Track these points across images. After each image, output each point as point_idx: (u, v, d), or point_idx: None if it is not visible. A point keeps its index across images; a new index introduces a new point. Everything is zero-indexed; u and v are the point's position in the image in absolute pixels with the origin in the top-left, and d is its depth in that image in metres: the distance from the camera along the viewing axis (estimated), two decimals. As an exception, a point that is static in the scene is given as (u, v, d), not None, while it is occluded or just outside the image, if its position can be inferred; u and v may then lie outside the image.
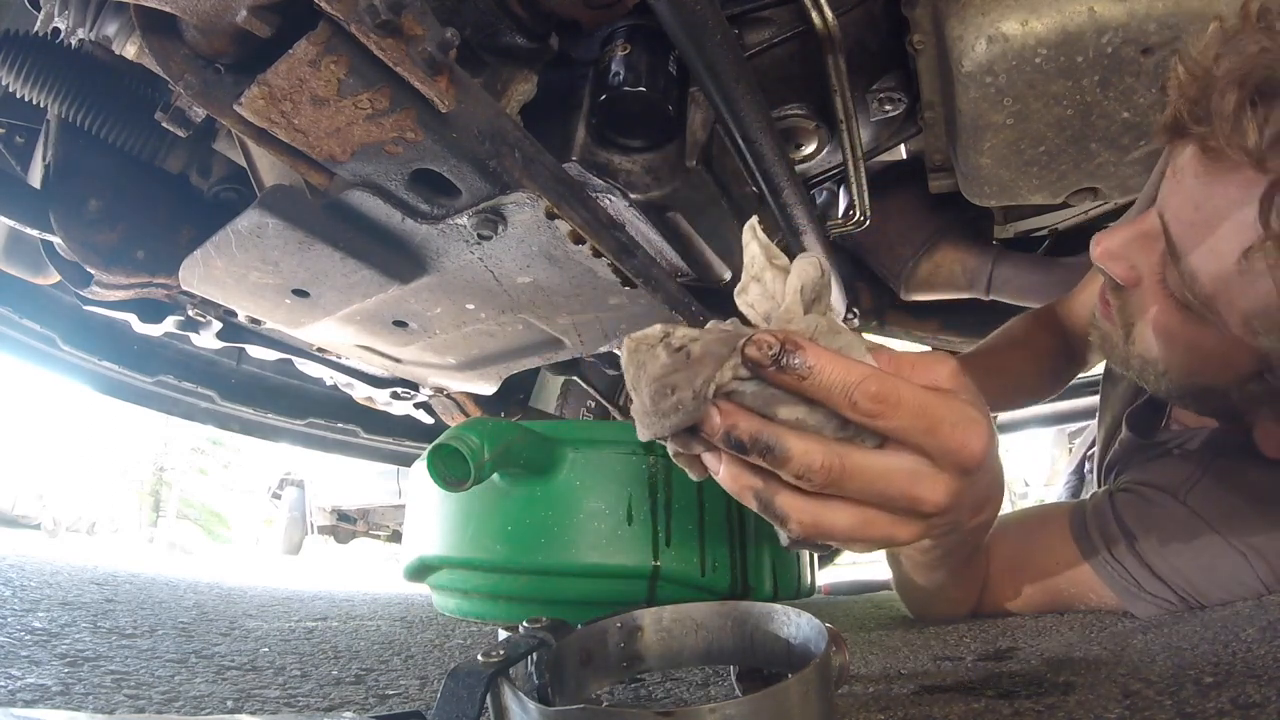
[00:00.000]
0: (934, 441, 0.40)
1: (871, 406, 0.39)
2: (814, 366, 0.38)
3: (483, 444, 0.48)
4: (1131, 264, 0.64)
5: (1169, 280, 0.61)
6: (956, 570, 0.75)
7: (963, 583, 0.83)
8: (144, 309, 0.85)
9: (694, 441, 0.42)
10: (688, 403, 0.39)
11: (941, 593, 0.84)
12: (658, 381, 0.39)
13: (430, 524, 0.60)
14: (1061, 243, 1.44)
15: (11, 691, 0.54)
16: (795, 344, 0.38)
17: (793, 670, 0.40)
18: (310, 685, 0.64)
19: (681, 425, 0.40)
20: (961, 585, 0.83)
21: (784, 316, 0.42)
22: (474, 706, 0.33)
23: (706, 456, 0.43)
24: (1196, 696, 0.40)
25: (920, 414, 0.40)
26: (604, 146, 0.72)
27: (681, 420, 0.40)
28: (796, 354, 0.38)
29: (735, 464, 0.42)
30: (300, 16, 0.43)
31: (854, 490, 0.41)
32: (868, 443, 0.41)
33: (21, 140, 0.79)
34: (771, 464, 0.40)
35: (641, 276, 0.72)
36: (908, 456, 0.41)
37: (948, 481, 0.42)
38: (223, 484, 17.32)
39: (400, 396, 1.14)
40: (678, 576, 0.54)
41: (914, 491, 0.41)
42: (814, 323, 0.41)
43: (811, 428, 0.40)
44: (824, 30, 0.79)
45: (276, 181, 0.64)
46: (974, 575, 0.83)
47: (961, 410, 0.41)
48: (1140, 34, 0.73)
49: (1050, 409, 2.21)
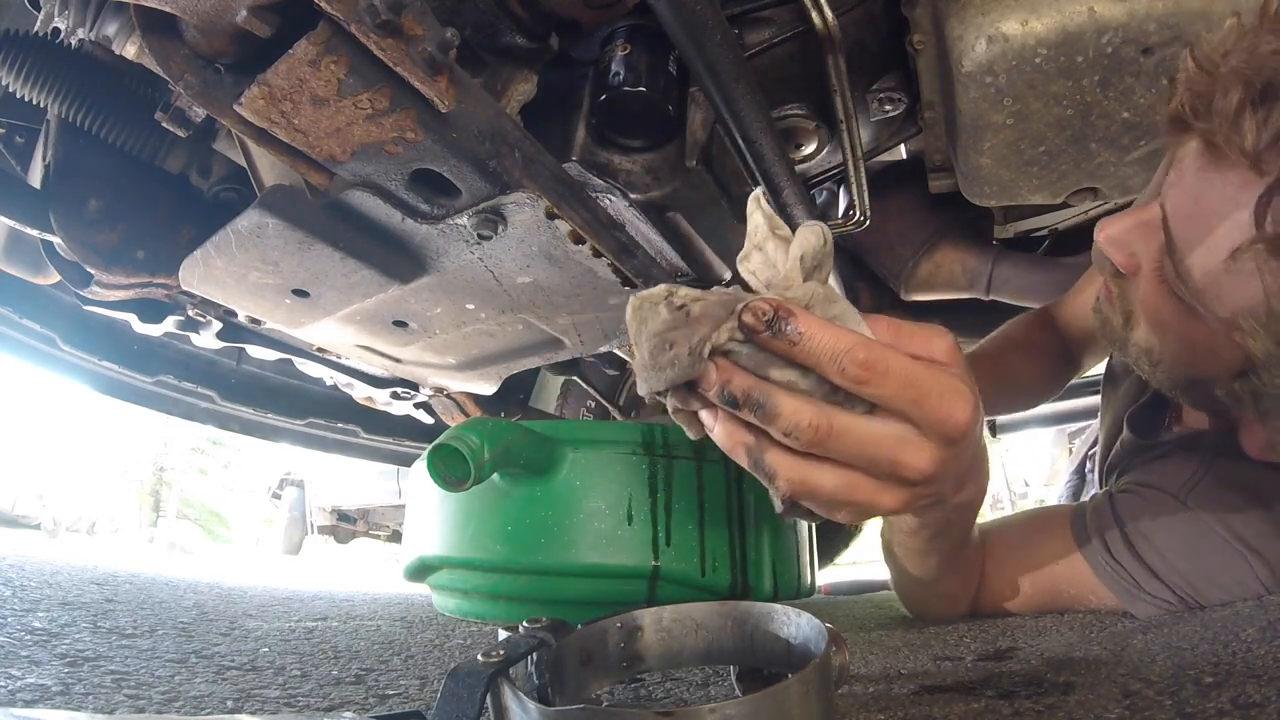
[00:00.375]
0: (920, 411, 0.42)
1: (859, 373, 0.40)
2: (805, 333, 0.40)
3: (483, 444, 0.48)
4: (1132, 251, 0.64)
5: (1165, 271, 0.61)
6: (949, 558, 0.76)
7: (956, 575, 0.83)
8: (144, 309, 0.85)
9: (692, 398, 0.44)
10: (684, 359, 0.41)
11: (936, 586, 0.84)
12: (657, 337, 0.41)
13: (430, 524, 0.60)
14: (1061, 243, 1.44)
15: (11, 691, 0.54)
16: (788, 312, 0.40)
17: (793, 670, 0.40)
18: (310, 685, 0.64)
19: (677, 380, 0.42)
20: (955, 578, 0.83)
21: (783, 283, 0.43)
22: (474, 706, 0.33)
23: (703, 414, 0.45)
24: (1196, 696, 0.40)
25: (908, 384, 0.41)
26: (604, 146, 0.72)
27: (678, 375, 0.42)
28: (789, 321, 0.40)
29: (729, 420, 0.44)
30: (300, 16, 0.43)
31: (840, 451, 0.42)
32: (858, 409, 0.43)
33: (21, 140, 0.79)
34: (762, 420, 0.42)
35: (641, 276, 0.72)
36: (894, 423, 0.42)
37: (933, 450, 0.43)
38: (223, 484, 17.32)
39: (400, 396, 1.14)
40: (678, 576, 0.54)
41: (899, 457, 0.43)
42: (811, 290, 0.43)
43: (803, 391, 0.42)
44: (824, 30, 0.78)
45: (276, 181, 0.64)
46: (968, 569, 0.83)
47: (949, 382, 0.42)
48: (1140, 34, 0.73)
49: (1050, 409, 2.21)
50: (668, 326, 0.41)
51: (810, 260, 0.43)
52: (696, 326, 0.41)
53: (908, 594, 0.93)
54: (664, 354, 0.41)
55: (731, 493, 0.58)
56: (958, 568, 0.81)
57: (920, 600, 0.92)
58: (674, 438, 0.58)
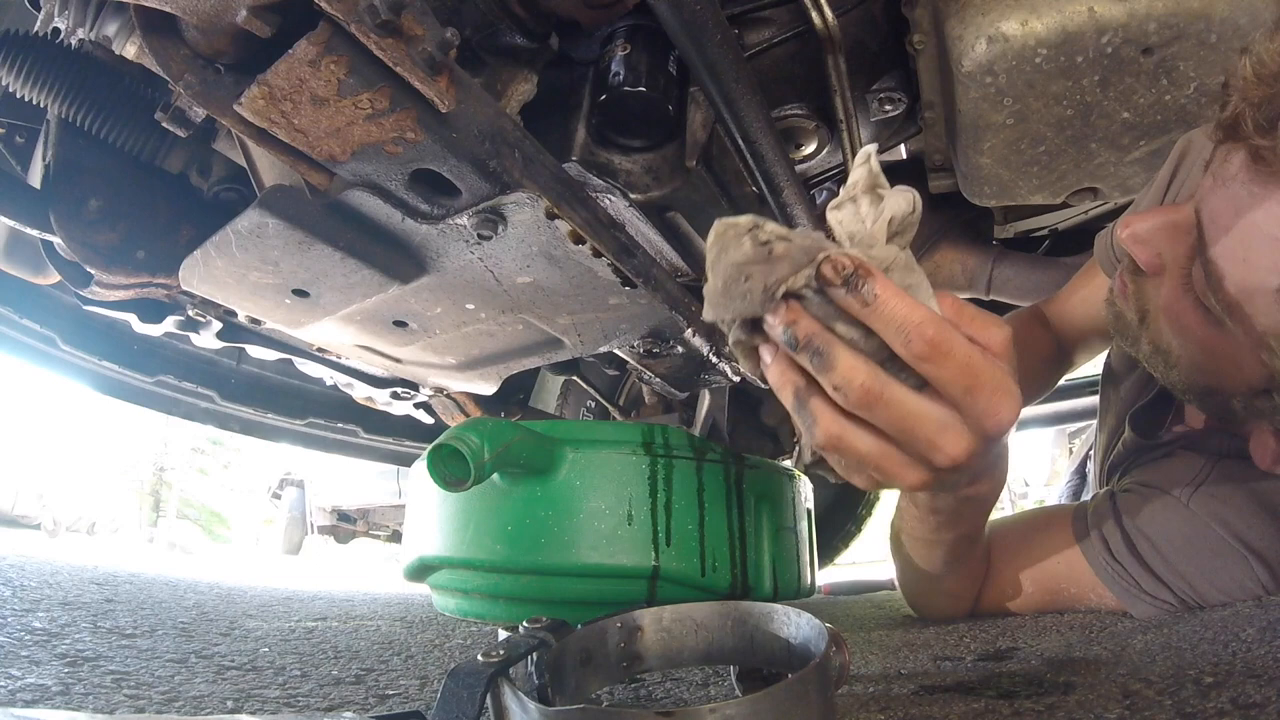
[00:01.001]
0: (970, 400, 0.42)
1: (923, 349, 0.41)
2: (880, 297, 0.40)
3: (483, 444, 0.48)
4: (1157, 251, 0.63)
5: (1194, 276, 0.60)
6: (956, 553, 0.76)
7: (961, 574, 0.83)
8: (144, 309, 0.85)
9: (755, 334, 0.45)
10: (757, 295, 0.42)
11: (940, 584, 0.84)
12: (736, 267, 0.42)
13: (430, 524, 0.60)
14: (1061, 243, 1.44)
15: (11, 691, 0.54)
16: (867, 272, 0.41)
17: (793, 670, 0.40)
18: (310, 685, 0.64)
19: (746, 314, 0.44)
20: (959, 577, 0.83)
21: (867, 240, 0.44)
22: (474, 706, 0.33)
23: (762, 348, 0.46)
24: (1196, 696, 0.40)
25: (966, 370, 0.41)
26: (604, 146, 0.71)
27: (747, 309, 0.43)
28: (867, 281, 0.40)
29: (785, 360, 0.46)
30: (300, 16, 0.43)
31: (882, 419, 0.43)
32: (908, 382, 0.43)
33: (21, 140, 0.79)
34: (817, 369, 0.43)
35: (641, 276, 0.72)
36: (942, 407, 0.43)
37: (970, 441, 0.43)
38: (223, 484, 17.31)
39: (400, 396, 1.14)
40: (678, 576, 0.54)
41: (938, 440, 0.43)
42: (893, 254, 0.43)
43: (862, 351, 0.43)
44: (824, 30, 0.78)
45: (276, 181, 0.64)
46: (973, 568, 0.84)
47: (1001, 379, 0.43)
48: (1140, 34, 0.73)
49: (1050, 409, 2.21)
50: (747, 260, 0.42)
51: (897, 224, 0.44)
52: (776, 266, 0.41)
53: (912, 590, 0.93)
54: (738, 286, 0.42)
55: (731, 493, 0.58)
56: (964, 565, 0.81)
57: (924, 596, 0.92)
58: (674, 438, 0.58)
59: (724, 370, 0.94)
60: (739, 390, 1.16)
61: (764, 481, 0.61)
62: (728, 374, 0.95)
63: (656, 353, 0.88)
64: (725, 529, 0.56)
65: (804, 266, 0.41)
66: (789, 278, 0.42)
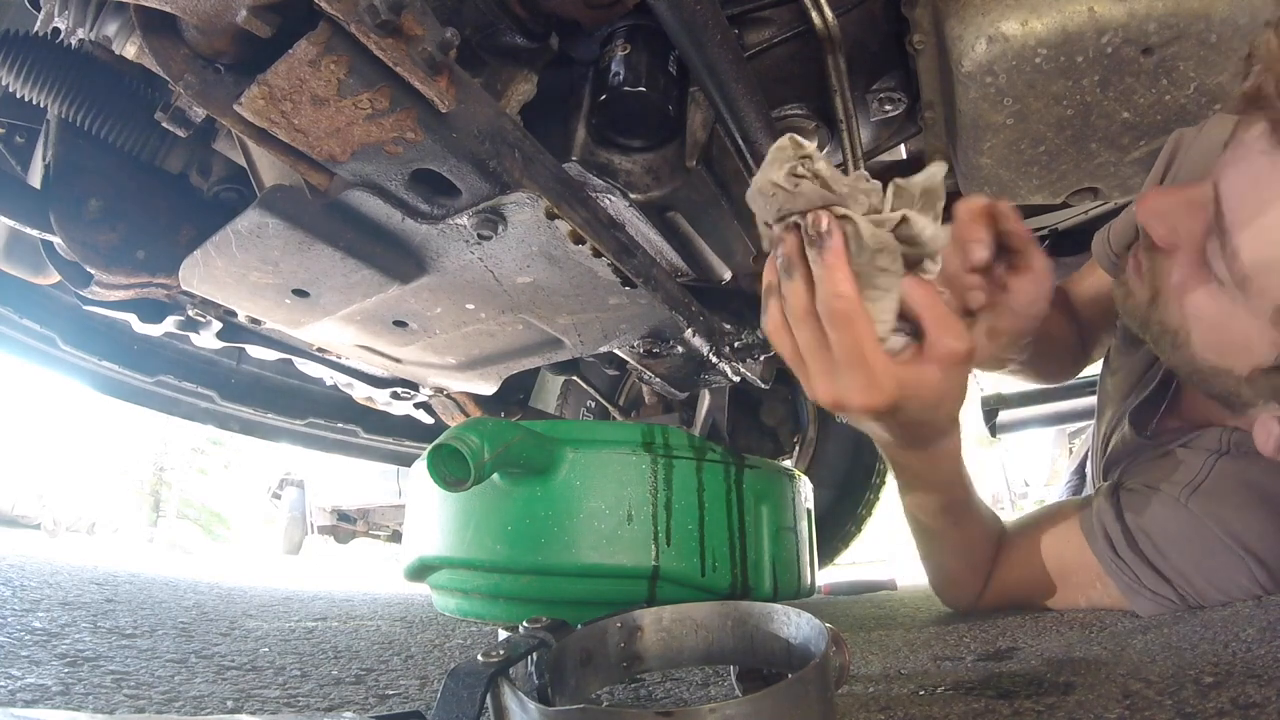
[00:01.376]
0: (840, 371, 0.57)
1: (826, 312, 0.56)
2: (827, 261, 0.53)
3: (483, 444, 0.48)
4: (1173, 227, 0.63)
5: (1209, 252, 0.60)
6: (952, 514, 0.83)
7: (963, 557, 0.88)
8: (144, 309, 0.85)
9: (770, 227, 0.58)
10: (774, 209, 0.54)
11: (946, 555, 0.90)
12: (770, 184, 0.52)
13: (430, 524, 0.60)
14: (1061, 243, 1.44)
15: (11, 691, 0.54)
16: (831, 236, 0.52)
17: (793, 670, 0.40)
18: (310, 685, 0.64)
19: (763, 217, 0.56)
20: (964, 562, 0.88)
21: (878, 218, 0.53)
22: (474, 706, 0.33)
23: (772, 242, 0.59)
24: (1196, 696, 0.40)
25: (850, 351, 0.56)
26: (604, 146, 0.72)
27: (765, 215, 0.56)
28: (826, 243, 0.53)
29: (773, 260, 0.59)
30: (300, 16, 0.43)
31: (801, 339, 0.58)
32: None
33: (21, 140, 0.79)
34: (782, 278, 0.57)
35: (641, 276, 0.72)
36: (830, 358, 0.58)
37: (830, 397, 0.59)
38: (223, 484, 17.31)
39: (400, 396, 1.14)
40: (678, 576, 0.54)
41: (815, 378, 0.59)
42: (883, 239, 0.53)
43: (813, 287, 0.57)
44: (824, 30, 0.78)
45: (276, 181, 0.64)
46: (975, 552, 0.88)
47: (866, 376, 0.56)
48: (1140, 34, 0.73)
49: (1050, 409, 2.21)
50: (778, 183, 0.52)
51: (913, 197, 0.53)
52: (794, 198, 0.52)
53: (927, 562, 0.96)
54: (765, 197, 0.53)
55: (731, 493, 0.58)
56: (965, 543, 0.86)
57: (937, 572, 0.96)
58: (674, 438, 0.58)
59: (724, 370, 0.94)
60: (739, 390, 1.16)
61: (764, 481, 0.61)
62: (728, 374, 0.95)
63: (656, 353, 0.88)
64: (725, 529, 0.56)
65: (814, 207, 0.52)
66: (790, 214, 0.53)
